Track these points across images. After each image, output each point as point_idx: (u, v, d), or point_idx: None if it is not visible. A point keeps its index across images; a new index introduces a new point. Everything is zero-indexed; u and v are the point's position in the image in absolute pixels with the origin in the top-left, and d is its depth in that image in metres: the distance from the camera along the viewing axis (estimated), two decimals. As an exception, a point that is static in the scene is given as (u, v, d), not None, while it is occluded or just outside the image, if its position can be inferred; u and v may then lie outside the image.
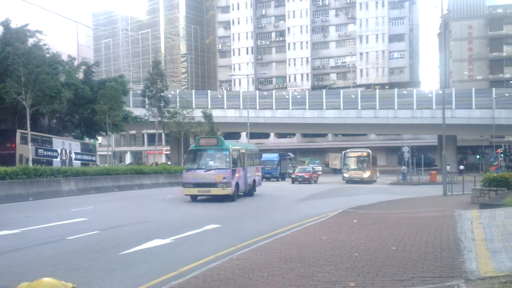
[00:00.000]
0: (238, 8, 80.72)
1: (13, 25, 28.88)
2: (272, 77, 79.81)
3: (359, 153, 36.97)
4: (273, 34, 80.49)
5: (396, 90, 53.96)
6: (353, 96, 51.69)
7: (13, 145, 25.62)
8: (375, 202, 17.05)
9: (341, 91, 55.17)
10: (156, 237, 9.37)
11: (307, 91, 62.23)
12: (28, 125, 24.71)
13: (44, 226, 11.25)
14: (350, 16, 75.88)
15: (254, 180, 21.34)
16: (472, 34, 64.78)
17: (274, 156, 41.58)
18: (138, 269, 6.85)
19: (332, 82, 77.01)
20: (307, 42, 77.26)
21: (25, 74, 23.57)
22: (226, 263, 6.71)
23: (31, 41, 27.98)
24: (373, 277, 5.48)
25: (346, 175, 36.15)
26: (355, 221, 10.97)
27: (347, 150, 38.37)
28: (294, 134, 73.16)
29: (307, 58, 77.39)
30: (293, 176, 36.34)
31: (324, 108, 51.19)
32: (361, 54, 74.86)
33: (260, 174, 23.74)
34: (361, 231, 9.25)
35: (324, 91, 57.04)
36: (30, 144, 24.81)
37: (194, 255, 7.74)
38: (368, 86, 73.29)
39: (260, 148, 31.69)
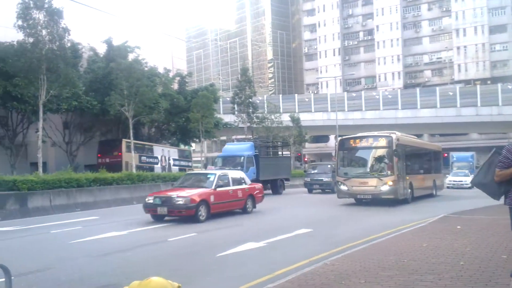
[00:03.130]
0: (324, 10, 79.97)
1: (115, 42, 31.45)
2: (361, 78, 77.71)
3: (371, 141, 18.09)
4: (361, 34, 78.41)
5: (499, 85, 49.60)
6: (450, 93, 48.51)
7: (119, 154, 27.86)
8: (481, 207, 15.75)
9: (437, 88, 52.05)
10: (249, 240, 9.54)
11: (399, 90, 59.62)
12: (131, 134, 26.65)
13: (147, 228, 12.03)
14: (444, 9, 71.37)
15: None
16: None
17: None
18: (234, 271, 7.02)
19: (426, 80, 72.92)
20: (397, 39, 74.10)
21: (127, 87, 25.48)
22: (321, 268, 6.61)
23: (131, 56, 30.25)
24: (483, 288, 5.04)
25: (343, 187, 17.71)
26: (458, 227, 10.22)
27: (346, 136, 19.43)
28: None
29: (398, 55, 74.21)
30: None
31: (419, 107, 48.67)
32: (458, 48, 69.94)
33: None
34: (466, 238, 8.59)
35: (418, 89, 54.25)
36: (134, 152, 26.75)
37: (287, 259, 7.74)
38: (467, 82, 68.19)
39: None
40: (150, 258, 8.27)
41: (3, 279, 3.57)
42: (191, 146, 50.28)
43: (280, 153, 30.42)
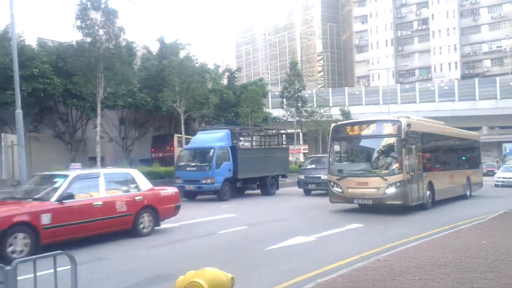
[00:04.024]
0: (375, 0, 77.80)
1: (167, 40, 32.24)
2: (415, 69, 74.99)
3: (373, 128, 13.75)
4: (415, 23, 75.56)
5: None
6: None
7: (171, 148, 28.59)
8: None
9: (497, 78, 49.23)
10: (298, 234, 9.51)
11: (456, 81, 57.00)
12: (183, 129, 27.29)
13: (200, 220, 12.31)
14: (505, -6, 67.32)
15: None
16: None
17: None
18: (284, 265, 7.03)
19: (485, 70, 69.17)
20: (454, 28, 70.76)
21: (179, 83, 26.08)
22: (373, 264, 6.48)
23: (182, 53, 30.89)
24: (549, 289, 4.72)
25: (336, 189, 13.69)
26: (521, 224, 9.63)
27: (342, 122, 17.01)
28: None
29: (454, 45, 70.88)
30: None
31: (477, 98, 46.33)
32: (521, 35, 65.77)
33: None
34: (530, 236, 8.08)
35: (476, 79, 51.61)
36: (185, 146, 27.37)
37: (338, 254, 7.65)
38: (531, 70, 64.00)
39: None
40: (200, 250, 8.47)
41: (69, 267, 3.78)
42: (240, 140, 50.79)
43: (274, 144, 24.35)
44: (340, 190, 13.45)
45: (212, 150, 18.28)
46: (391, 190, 12.60)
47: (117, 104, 25.99)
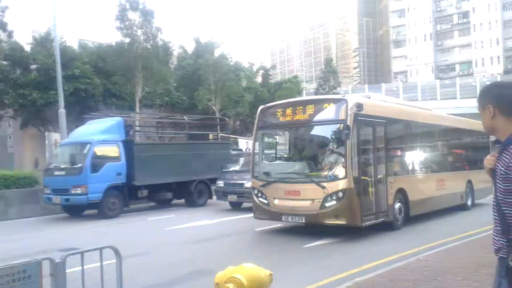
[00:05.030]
0: (413, -6, 75.84)
1: (202, 39, 32.61)
2: (455, 64, 72.57)
3: (310, 111, 9.19)
4: (455, 17, 73.10)
5: None
6: (560, 77, 43.48)
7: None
8: None
9: (544, 72, 46.95)
10: (334, 233, 9.43)
11: (498, 75, 54.81)
12: (218, 128, 27.62)
13: (237, 217, 12.42)
14: (553, -17, 64.11)
15: None
16: None
17: None
18: (321, 263, 7.00)
19: (530, 63, 66.17)
20: (496, 21, 67.97)
21: (214, 82, 26.39)
22: (413, 264, 6.35)
23: (217, 52, 31.22)
24: None
25: (261, 200, 9.42)
26: None
27: (270, 104, 10.66)
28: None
29: (497, 39, 68.08)
30: None
31: (522, 93, 44.37)
32: None
33: None
34: None
35: (520, 74, 49.38)
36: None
37: (375, 253, 7.54)
38: None
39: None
40: (239, 246, 8.56)
41: (114, 260, 3.92)
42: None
43: (208, 137, 19.36)
44: (265, 202, 9.28)
45: (87, 146, 13.02)
46: (330, 203, 8.44)
47: (155, 102, 26.56)
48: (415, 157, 11.44)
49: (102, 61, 23.53)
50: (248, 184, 12.26)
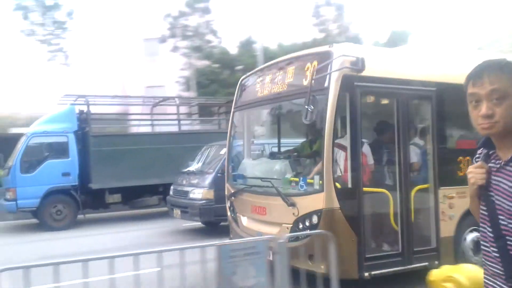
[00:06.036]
0: None
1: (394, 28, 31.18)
2: None
3: (290, 72, 5.39)
4: None
5: None
6: None
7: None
8: None
9: None
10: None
11: None
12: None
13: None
14: None
15: None
16: None
17: None
18: None
19: None
20: None
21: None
22: None
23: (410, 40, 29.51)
24: None
25: (231, 216, 6.37)
26: None
27: (251, 72, 6.66)
28: None
29: None
30: None
31: None
32: None
33: None
34: None
35: None
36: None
37: None
38: None
39: None
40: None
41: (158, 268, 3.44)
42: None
43: (200, 127, 15.70)
44: (235, 219, 6.26)
45: (21, 140, 10.72)
46: (302, 233, 4.73)
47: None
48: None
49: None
50: (194, 194, 8.92)
